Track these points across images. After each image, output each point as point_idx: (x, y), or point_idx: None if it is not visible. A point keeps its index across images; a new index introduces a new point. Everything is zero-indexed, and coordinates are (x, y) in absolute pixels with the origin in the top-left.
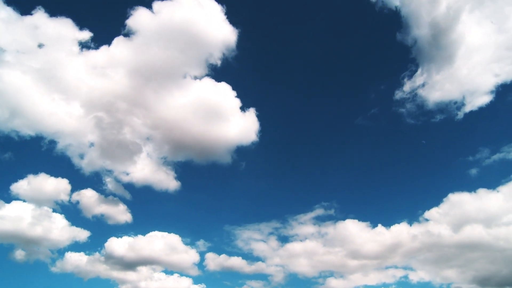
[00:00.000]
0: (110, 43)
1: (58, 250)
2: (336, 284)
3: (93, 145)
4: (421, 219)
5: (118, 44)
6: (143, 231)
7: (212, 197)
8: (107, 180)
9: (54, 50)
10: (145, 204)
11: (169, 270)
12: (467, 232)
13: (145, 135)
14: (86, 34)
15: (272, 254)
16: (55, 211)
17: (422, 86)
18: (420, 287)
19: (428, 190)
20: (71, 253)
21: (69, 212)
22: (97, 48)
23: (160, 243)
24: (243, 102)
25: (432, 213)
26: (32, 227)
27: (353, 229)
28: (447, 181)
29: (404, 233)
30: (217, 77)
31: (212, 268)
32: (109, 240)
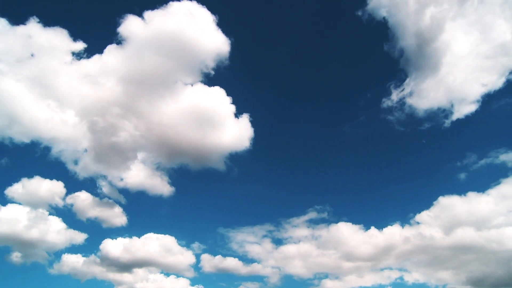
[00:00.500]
0: (104, 52)
1: (55, 252)
2: (332, 286)
3: (88, 151)
4: (413, 222)
5: (111, 52)
6: (139, 233)
7: (206, 201)
8: (102, 184)
9: (48, 59)
10: (140, 208)
11: (165, 272)
12: (459, 235)
13: (139, 142)
14: (80, 45)
15: (267, 256)
16: (51, 214)
17: (410, 95)
18: None
19: (419, 194)
20: (68, 255)
21: (65, 215)
22: (91, 57)
23: (156, 245)
24: (237, 109)
25: (423, 216)
26: (29, 230)
27: (346, 232)
28: (437, 185)
29: (397, 236)
30: (210, 84)
31: (208, 270)
32: (105, 242)
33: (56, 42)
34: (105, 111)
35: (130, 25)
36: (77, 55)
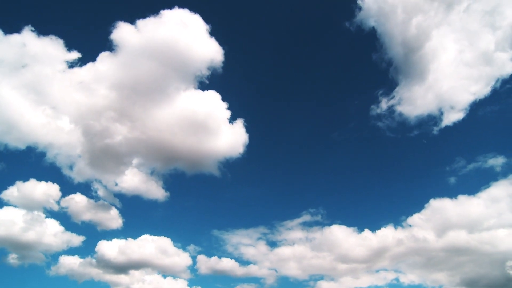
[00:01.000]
0: (97, 59)
1: (52, 255)
2: (327, 287)
3: (82, 157)
4: (405, 225)
5: (104, 59)
6: (134, 235)
7: (200, 205)
8: (97, 188)
9: (42, 67)
10: (135, 211)
11: (162, 273)
12: (452, 237)
13: (134, 147)
14: (74, 55)
15: (262, 258)
16: (48, 217)
17: (399, 103)
18: None
19: (411, 197)
20: (65, 257)
21: (61, 217)
22: (84, 65)
23: (152, 247)
24: (231, 114)
25: (415, 219)
26: (25, 232)
27: (340, 234)
28: (428, 188)
29: (390, 238)
30: (204, 90)
31: (204, 272)
32: (102, 244)
33: (50, 51)
34: (100, 117)
35: (123, 33)
36: (71, 64)
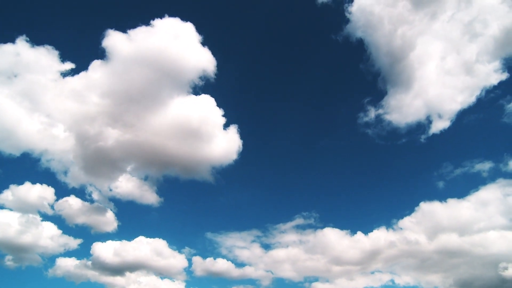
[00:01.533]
0: (90, 68)
1: (49, 257)
2: None
3: (77, 163)
4: (396, 228)
5: (97, 68)
6: (130, 237)
7: (193, 209)
8: (92, 192)
9: (36, 76)
10: (130, 214)
11: (158, 275)
12: (444, 240)
13: (128, 153)
14: (68, 65)
15: (257, 260)
16: (44, 220)
17: (387, 111)
18: None
19: (401, 200)
20: (61, 259)
21: (57, 220)
22: (77, 74)
23: (147, 249)
24: (225, 121)
25: (405, 222)
26: (21, 235)
27: (333, 237)
28: (417, 192)
29: (383, 241)
30: (198, 97)
31: (200, 274)
32: (97, 247)
33: (44, 61)
34: (94, 124)
35: (115, 41)
36: (65, 74)
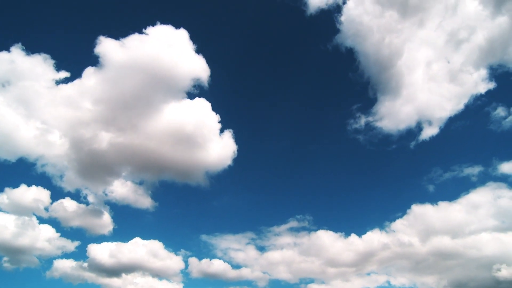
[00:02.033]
0: (84, 75)
1: (46, 259)
2: None
3: (72, 168)
4: (389, 230)
5: (92, 75)
6: (125, 239)
7: (188, 213)
8: (88, 194)
9: (31, 83)
10: (126, 218)
11: (155, 277)
12: (436, 242)
13: (123, 159)
14: (62, 74)
15: (253, 262)
16: (40, 222)
17: (377, 119)
18: None
19: (393, 203)
20: (59, 261)
21: (53, 222)
22: (71, 81)
23: (143, 251)
24: (220, 126)
25: (397, 225)
26: (18, 237)
27: (327, 239)
28: (408, 195)
29: (377, 243)
30: (193, 102)
31: (196, 275)
32: (94, 249)
33: (39, 68)
34: (88, 130)
35: (108, 48)
36: (59, 81)
